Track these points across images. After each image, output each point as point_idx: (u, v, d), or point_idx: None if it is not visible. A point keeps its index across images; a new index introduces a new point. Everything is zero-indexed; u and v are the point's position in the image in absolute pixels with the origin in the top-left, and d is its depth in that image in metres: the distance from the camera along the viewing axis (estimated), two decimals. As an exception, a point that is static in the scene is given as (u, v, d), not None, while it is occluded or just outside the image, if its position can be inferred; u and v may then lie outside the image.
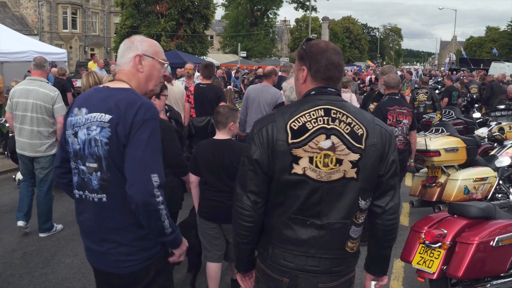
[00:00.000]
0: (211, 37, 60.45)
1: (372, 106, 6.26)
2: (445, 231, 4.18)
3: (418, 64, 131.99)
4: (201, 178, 4.19)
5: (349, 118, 2.19)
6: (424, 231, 4.26)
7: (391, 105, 5.72)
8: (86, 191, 2.42)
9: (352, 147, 2.16)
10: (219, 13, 68.38)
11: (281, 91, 5.90)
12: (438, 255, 4.13)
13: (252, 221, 2.27)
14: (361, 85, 19.26)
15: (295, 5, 58.12)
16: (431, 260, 4.15)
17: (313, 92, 2.26)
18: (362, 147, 2.17)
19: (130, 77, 2.48)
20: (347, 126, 2.17)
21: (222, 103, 6.44)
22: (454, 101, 13.02)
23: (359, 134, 2.17)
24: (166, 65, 2.60)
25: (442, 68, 57.88)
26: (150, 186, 2.23)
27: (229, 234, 4.09)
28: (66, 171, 2.58)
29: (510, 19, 65.28)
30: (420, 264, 4.20)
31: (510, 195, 6.82)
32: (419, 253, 4.27)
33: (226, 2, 54.29)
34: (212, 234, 4.21)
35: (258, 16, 53.34)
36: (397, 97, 5.82)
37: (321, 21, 53.95)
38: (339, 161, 2.16)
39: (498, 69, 30.34)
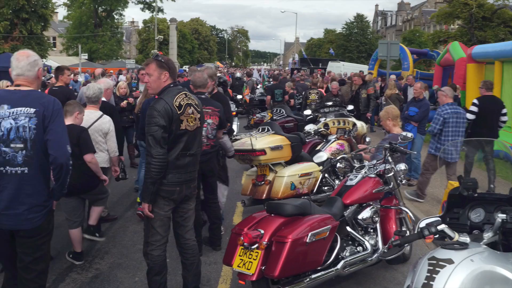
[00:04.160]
0: (54, 38, 56.75)
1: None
2: (262, 231, 4.17)
3: (265, 64, 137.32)
4: None
5: (192, 96, 4.26)
6: (243, 232, 4.21)
7: None
8: (8, 167, 3.34)
9: (198, 111, 4.21)
10: (62, 13, 64.16)
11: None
12: (256, 256, 4.10)
13: (165, 161, 3.93)
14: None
15: (141, 6, 56.61)
16: (250, 261, 4.12)
17: (172, 85, 4.12)
18: (200, 110, 4.24)
19: (33, 82, 3.54)
20: (195, 101, 4.22)
21: None
22: (278, 98, 13.61)
23: (194, 104, 4.16)
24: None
25: (287, 68, 60.80)
26: (68, 152, 3.47)
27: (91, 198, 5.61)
28: None
29: (344, 22, 70.22)
30: (240, 267, 4.15)
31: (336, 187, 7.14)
32: (239, 255, 4.21)
33: (68, 2, 51.05)
34: (73, 206, 5.39)
35: (103, 17, 51.08)
36: (203, 96, 5.56)
37: (169, 23, 53.58)
38: (195, 119, 4.14)
39: (335, 68, 32.56)
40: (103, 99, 6.40)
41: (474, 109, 8.53)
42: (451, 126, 7.62)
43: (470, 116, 8.51)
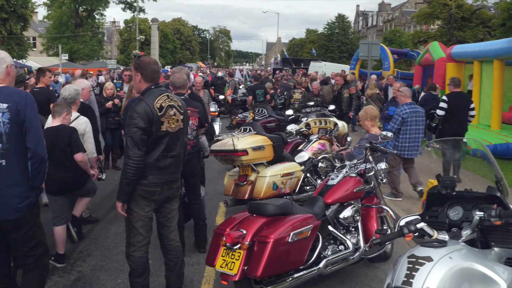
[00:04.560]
0: (34, 38, 55.98)
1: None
2: (244, 232, 4.18)
3: (247, 64, 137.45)
4: None
5: (176, 98, 4.22)
6: (225, 233, 4.22)
7: None
8: None
9: (181, 113, 4.17)
10: (42, 13, 63.19)
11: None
12: (239, 256, 4.11)
13: (142, 163, 3.92)
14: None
15: (123, 6, 56.02)
16: (232, 262, 4.13)
17: (153, 87, 4.09)
18: (183, 111, 4.21)
19: (4, 79, 3.65)
20: (178, 102, 4.18)
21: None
22: (260, 99, 13.61)
23: (176, 105, 4.13)
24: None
25: (269, 68, 60.84)
26: (44, 145, 3.65)
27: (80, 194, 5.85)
28: None
29: (326, 22, 70.50)
30: (222, 267, 4.16)
31: (318, 187, 7.19)
32: (222, 256, 4.22)
33: (48, 2, 50.28)
34: (61, 204, 5.52)
35: (84, 17, 50.43)
36: (182, 97, 5.52)
37: (151, 23, 53.26)
38: (177, 120, 4.13)
39: (317, 68, 32.64)
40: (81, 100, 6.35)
41: (444, 105, 8.79)
42: (409, 125, 7.89)
43: (440, 112, 8.79)
